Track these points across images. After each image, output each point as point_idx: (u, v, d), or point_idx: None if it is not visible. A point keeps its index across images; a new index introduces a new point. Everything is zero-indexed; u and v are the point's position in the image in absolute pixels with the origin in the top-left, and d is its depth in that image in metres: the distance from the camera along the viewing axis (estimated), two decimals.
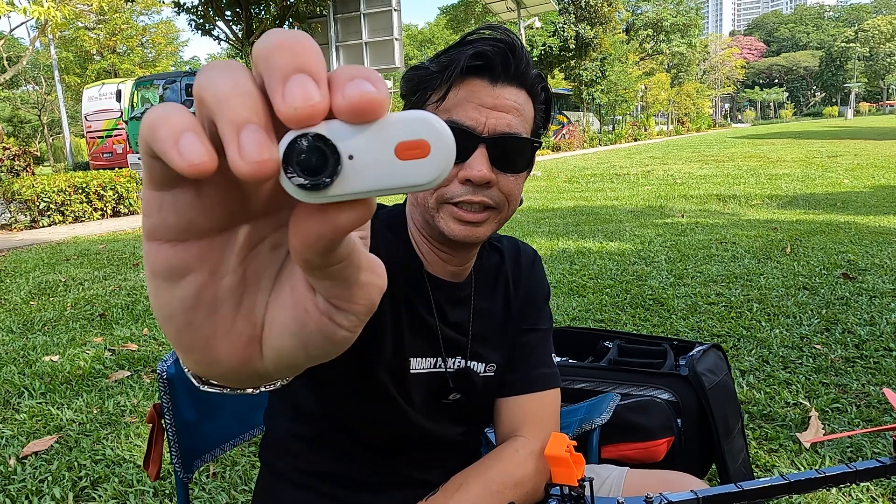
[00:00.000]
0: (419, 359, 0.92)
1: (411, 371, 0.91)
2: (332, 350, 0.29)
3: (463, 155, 0.81)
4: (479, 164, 0.80)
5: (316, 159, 0.23)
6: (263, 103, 0.23)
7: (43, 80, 33.72)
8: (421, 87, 0.84)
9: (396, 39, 15.04)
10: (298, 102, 0.22)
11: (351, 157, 0.24)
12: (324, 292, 0.27)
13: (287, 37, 0.23)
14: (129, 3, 15.14)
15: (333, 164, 0.23)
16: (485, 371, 0.97)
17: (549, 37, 29.97)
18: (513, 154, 0.82)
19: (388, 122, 0.24)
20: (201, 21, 13.82)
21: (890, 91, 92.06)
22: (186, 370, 0.34)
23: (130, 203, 10.31)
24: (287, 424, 0.96)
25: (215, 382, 0.34)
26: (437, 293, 0.92)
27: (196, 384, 0.35)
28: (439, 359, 0.94)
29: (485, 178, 0.80)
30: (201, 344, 0.29)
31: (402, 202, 0.96)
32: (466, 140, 0.80)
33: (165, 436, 1.00)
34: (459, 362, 0.95)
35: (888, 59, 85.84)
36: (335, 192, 0.24)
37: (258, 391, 0.35)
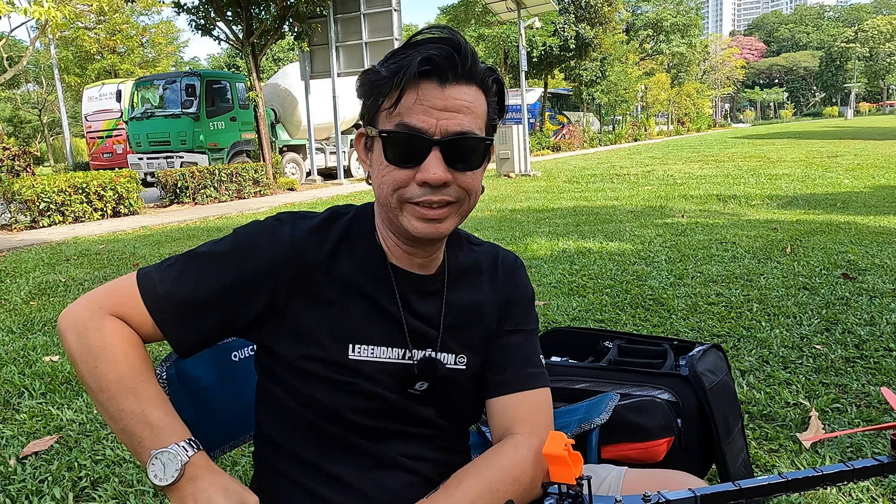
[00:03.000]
0: (383, 347, 0.94)
1: (374, 359, 0.93)
2: None
3: (417, 158, 0.84)
4: (433, 166, 0.83)
5: None
6: None
7: (43, 80, 33.72)
8: (374, 93, 0.86)
9: (396, 39, 15.03)
10: None
11: None
12: None
13: None
14: (130, 3, 15.13)
15: None
16: (454, 363, 0.98)
17: (549, 37, 29.93)
18: (467, 152, 0.85)
19: None
20: (202, 21, 13.82)
21: (890, 91, 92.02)
22: None
23: (130, 203, 10.31)
24: (273, 419, 0.97)
25: None
26: (402, 285, 0.95)
27: None
28: (406, 349, 0.95)
29: (440, 179, 0.84)
30: None
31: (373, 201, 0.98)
32: (419, 144, 0.83)
33: None
34: (429, 353, 0.96)
35: (888, 59, 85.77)
36: None
37: None
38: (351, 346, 0.92)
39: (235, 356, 1.13)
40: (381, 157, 0.86)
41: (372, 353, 0.93)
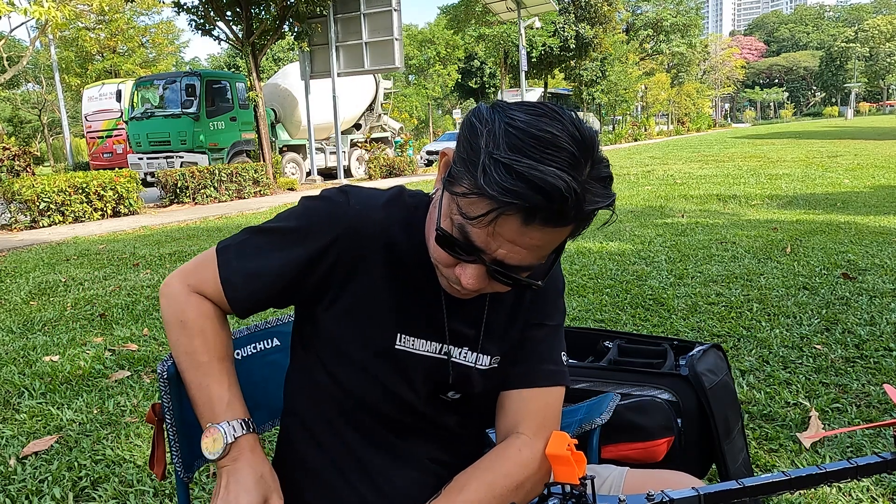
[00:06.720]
0: (422, 340, 0.92)
1: (414, 351, 0.92)
2: None
3: (462, 258, 0.79)
4: (469, 276, 0.79)
5: None
6: None
7: (43, 80, 33.70)
8: (465, 168, 0.74)
9: (396, 39, 15.04)
10: None
11: None
12: None
13: None
14: (129, 3, 15.13)
15: None
16: (489, 364, 0.96)
17: (549, 37, 29.95)
18: (509, 280, 0.80)
19: None
20: (201, 21, 13.82)
21: (890, 91, 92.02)
22: None
23: (130, 203, 10.31)
24: (306, 403, 0.98)
25: None
26: None
27: None
28: (444, 345, 0.93)
29: (473, 288, 0.80)
30: None
31: (430, 192, 0.95)
32: (469, 252, 0.77)
33: (165, 435, 1.00)
34: (466, 353, 0.95)
35: (888, 59, 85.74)
36: None
37: None
38: (399, 334, 0.91)
39: (238, 354, 1.13)
40: (445, 207, 0.79)
41: (412, 345, 0.92)
